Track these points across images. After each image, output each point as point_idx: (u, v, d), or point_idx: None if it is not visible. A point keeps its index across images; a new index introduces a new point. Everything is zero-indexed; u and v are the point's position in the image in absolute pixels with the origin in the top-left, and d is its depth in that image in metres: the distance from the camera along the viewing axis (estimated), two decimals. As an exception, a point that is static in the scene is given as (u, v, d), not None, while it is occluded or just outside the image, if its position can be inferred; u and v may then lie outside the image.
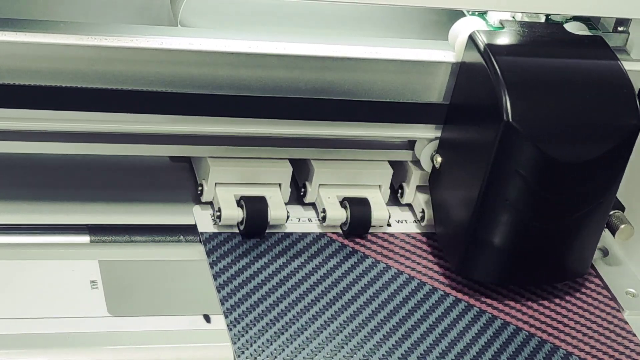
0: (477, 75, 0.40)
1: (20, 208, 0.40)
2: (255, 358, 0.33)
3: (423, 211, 0.42)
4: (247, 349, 0.33)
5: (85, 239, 0.38)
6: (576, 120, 0.39)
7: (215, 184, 0.40)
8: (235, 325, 0.33)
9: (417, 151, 0.43)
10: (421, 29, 0.45)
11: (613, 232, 0.43)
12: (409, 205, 0.44)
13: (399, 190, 0.44)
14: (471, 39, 0.39)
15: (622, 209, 0.45)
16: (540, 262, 0.41)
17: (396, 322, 0.37)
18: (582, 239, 0.42)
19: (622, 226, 0.43)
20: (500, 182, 0.38)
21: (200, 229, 0.39)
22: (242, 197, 0.39)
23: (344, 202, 0.41)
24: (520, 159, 0.38)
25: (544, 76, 0.40)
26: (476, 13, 0.42)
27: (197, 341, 0.33)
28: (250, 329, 0.34)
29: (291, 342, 0.34)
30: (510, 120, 0.36)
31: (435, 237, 0.43)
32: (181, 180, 0.44)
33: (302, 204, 0.43)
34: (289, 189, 0.42)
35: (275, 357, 0.33)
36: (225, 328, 0.34)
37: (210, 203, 0.41)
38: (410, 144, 0.43)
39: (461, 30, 0.41)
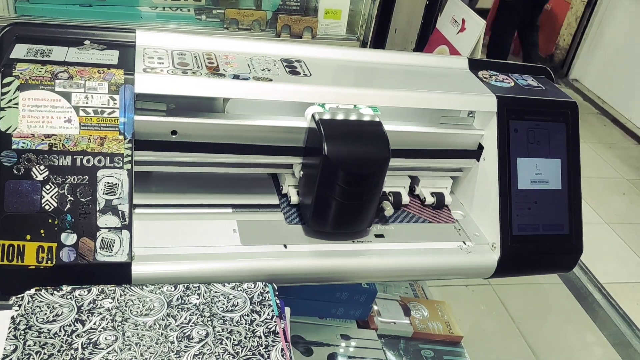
0: (314, 133, 0.66)
1: (198, 196, 0.72)
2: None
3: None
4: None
5: (229, 210, 0.72)
6: (360, 153, 0.64)
7: (288, 186, 0.74)
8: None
9: (294, 168, 0.73)
10: (296, 111, 0.72)
11: (383, 210, 0.73)
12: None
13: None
14: (312, 116, 0.68)
15: (387, 198, 0.76)
16: (349, 221, 0.68)
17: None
18: (367, 210, 0.68)
19: (387, 207, 0.74)
20: (324, 183, 0.65)
21: (281, 206, 0.73)
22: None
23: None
24: (332, 172, 0.64)
25: (345, 132, 0.66)
26: (318, 103, 0.69)
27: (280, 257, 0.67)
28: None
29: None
30: (326, 154, 0.63)
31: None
32: (270, 184, 0.77)
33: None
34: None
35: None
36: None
37: (285, 194, 0.75)
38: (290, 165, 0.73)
39: (309, 112, 0.69)
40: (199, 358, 0.53)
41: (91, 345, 0.53)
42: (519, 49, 4.38)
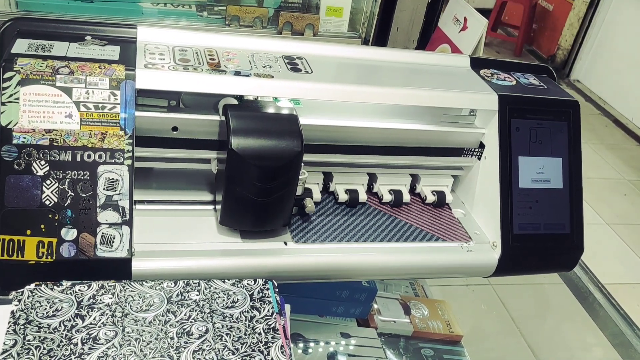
0: (224, 125, 0.64)
1: (198, 192, 0.72)
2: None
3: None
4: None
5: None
6: (269, 148, 0.62)
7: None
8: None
9: (211, 163, 0.69)
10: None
11: (304, 208, 0.71)
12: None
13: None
14: (224, 107, 0.66)
15: (311, 197, 0.73)
16: (260, 218, 0.66)
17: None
18: (281, 207, 0.66)
19: (309, 204, 0.72)
20: (233, 179, 0.63)
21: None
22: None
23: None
24: (239, 167, 0.62)
25: (255, 125, 0.64)
26: (235, 95, 0.68)
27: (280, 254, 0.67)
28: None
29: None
30: (233, 147, 0.61)
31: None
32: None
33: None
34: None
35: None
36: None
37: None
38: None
39: (221, 103, 0.68)
40: (198, 354, 0.53)
41: (91, 340, 0.53)
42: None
